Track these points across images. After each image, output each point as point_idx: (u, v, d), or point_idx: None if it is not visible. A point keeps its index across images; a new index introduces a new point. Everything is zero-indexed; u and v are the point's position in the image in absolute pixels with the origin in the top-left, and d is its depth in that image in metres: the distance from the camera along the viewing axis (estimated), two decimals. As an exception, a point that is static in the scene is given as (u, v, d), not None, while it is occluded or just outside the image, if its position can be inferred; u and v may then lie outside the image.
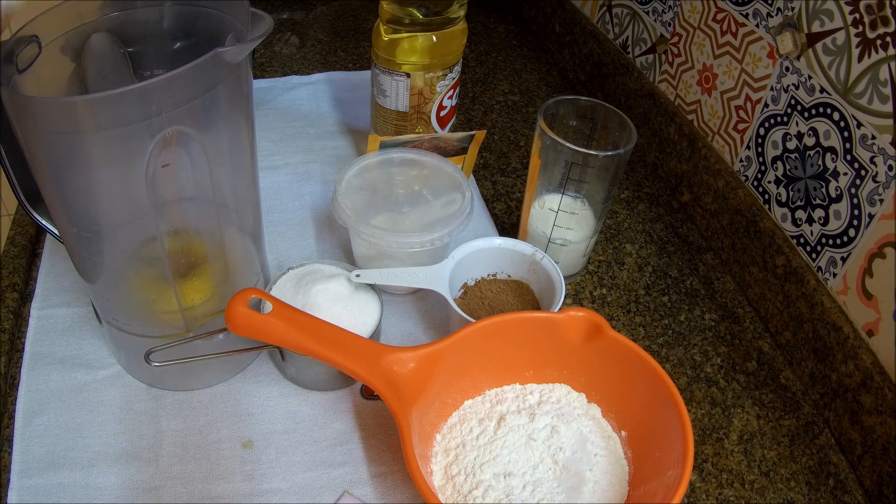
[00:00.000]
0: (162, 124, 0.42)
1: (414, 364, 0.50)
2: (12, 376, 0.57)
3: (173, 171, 0.45)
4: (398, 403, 0.48)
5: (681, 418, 0.47)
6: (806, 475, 0.56)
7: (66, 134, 0.41)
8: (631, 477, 0.50)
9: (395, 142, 0.66)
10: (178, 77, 0.40)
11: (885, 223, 0.55)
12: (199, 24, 0.50)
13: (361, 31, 1.06)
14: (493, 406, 0.53)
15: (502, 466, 0.49)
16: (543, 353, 0.54)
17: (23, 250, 0.66)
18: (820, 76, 0.59)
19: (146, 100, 0.40)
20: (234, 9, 0.48)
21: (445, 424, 0.53)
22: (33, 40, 0.44)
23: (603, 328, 0.52)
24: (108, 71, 0.50)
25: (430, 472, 0.49)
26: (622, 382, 0.52)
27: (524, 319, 0.53)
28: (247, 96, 0.49)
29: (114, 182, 0.46)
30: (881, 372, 0.54)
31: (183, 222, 0.51)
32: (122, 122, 0.41)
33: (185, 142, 0.44)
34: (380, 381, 0.49)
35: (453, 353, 0.51)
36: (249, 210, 0.55)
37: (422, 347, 0.51)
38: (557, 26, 1.03)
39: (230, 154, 0.49)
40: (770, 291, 0.66)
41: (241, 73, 0.46)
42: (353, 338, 0.51)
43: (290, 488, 0.51)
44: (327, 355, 0.49)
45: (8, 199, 1.42)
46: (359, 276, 0.57)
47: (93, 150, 0.43)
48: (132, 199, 0.46)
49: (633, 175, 0.84)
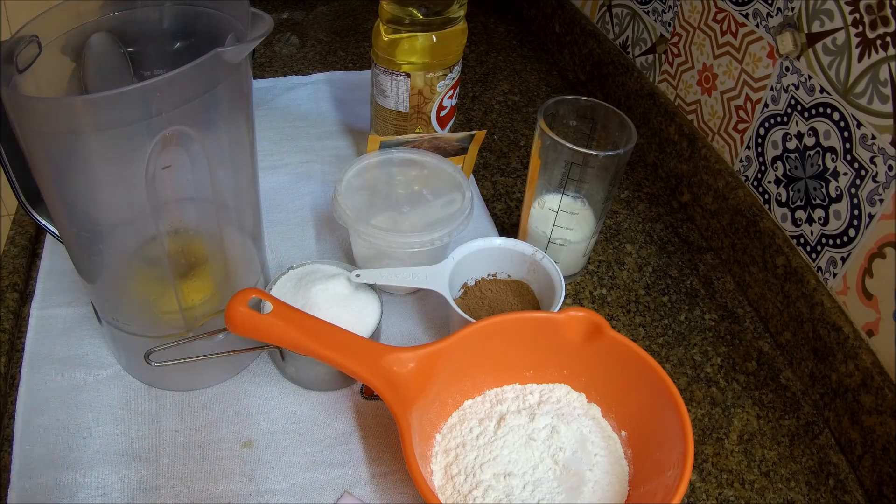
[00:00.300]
0: (162, 124, 0.42)
1: (414, 364, 0.50)
2: (12, 376, 0.57)
3: (173, 171, 0.45)
4: (398, 403, 0.48)
5: (681, 418, 0.47)
6: (806, 475, 0.56)
7: (66, 134, 0.41)
8: (631, 477, 0.50)
9: (395, 142, 0.66)
10: (178, 77, 0.40)
11: (885, 223, 0.55)
12: (199, 24, 0.50)
13: (361, 31, 1.06)
14: (494, 406, 0.53)
15: (502, 466, 0.49)
16: (543, 353, 0.54)
17: (23, 250, 0.66)
18: (820, 76, 0.59)
19: (146, 100, 0.40)
20: (234, 9, 0.48)
21: (445, 424, 0.53)
22: (33, 40, 0.44)
23: (603, 328, 0.52)
24: (108, 71, 0.50)
25: (430, 472, 0.49)
26: (622, 382, 0.52)
27: (524, 319, 0.53)
28: (247, 96, 0.49)
29: (114, 182, 0.46)
30: (881, 372, 0.54)
31: (183, 222, 0.51)
32: (122, 123, 0.41)
33: (185, 142, 0.44)
34: (380, 381, 0.49)
35: (453, 353, 0.51)
36: (249, 210, 0.55)
37: (422, 347, 0.51)
38: (557, 26, 1.03)
39: (230, 154, 0.49)
40: (770, 291, 0.66)
41: (241, 73, 0.46)
42: (354, 338, 0.51)
43: (290, 488, 0.51)
44: (327, 355, 0.49)
45: (8, 199, 1.42)
46: (359, 276, 0.57)
47: (93, 150, 0.43)
48: (132, 199, 0.46)
49: (633, 175, 0.84)
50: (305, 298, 0.56)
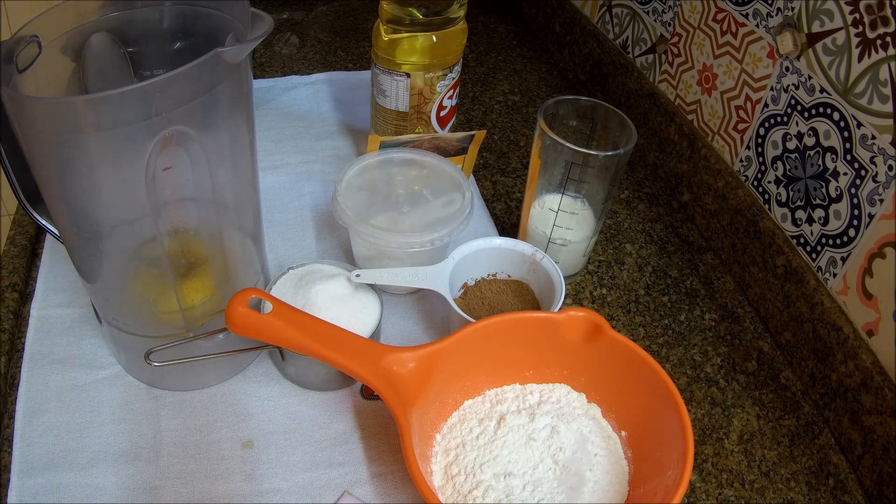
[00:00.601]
0: (162, 124, 0.42)
1: (414, 364, 0.50)
2: (12, 376, 0.57)
3: (173, 171, 0.45)
4: (398, 403, 0.48)
5: (681, 418, 0.47)
6: (806, 475, 0.56)
7: (67, 134, 0.41)
8: (631, 477, 0.50)
9: (395, 142, 0.66)
10: (178, 77, 0.40)
11: (885, 223, 0.55)
12: (199, 24, 0.50)
13: (361, 31, 1.06)
14: (493, 406, 0.53)
15: (502, 466, 0.49)
16: (543, 353, 0.54)
17: (23, 250, 0.66)
18: (820, 76, 0.59)
19: (146, 100, 0.40)
20: (234, 9, 0.48)
21: (445, 424, 0.53)
22: (33, 40, 0.44)
23: (603, 328, 0.52)
24: (108, 71, 0.50)
25: (430, 473, 0.49)
26: (622, 382, 0.52)
27: (524, 319, 0.53)
28: (247, 96, 0.49)
29: (114, 182, 0.46)
30: (881, 372, 0.54)
31: (183, 222, 0.51)
32: (122, 123, 0.41)
33: (185, 142, 0.44)
34: (380, 381, 0.49)
35: (453, 353, 0.51)
36: (249, 210, 0.55)
37: (422, 347, 0.51)
38: (557, 26, 1.03)
39: (230, 154, 0.49)
40: (770, 291, 0.66)
41: (241, 73, 0.46)
42: (354, 338, 0.51)
43: (290, 488, 0.51)
44: (328, 355, 0.49)
45: (8, 199, 1.42)
46: (359, 276, 0.57)
47: (93, 150, 0.43)
48: (132, 199, 0.46)
49: (633, 175, 0.84)
50: (305, 298, 0.56)
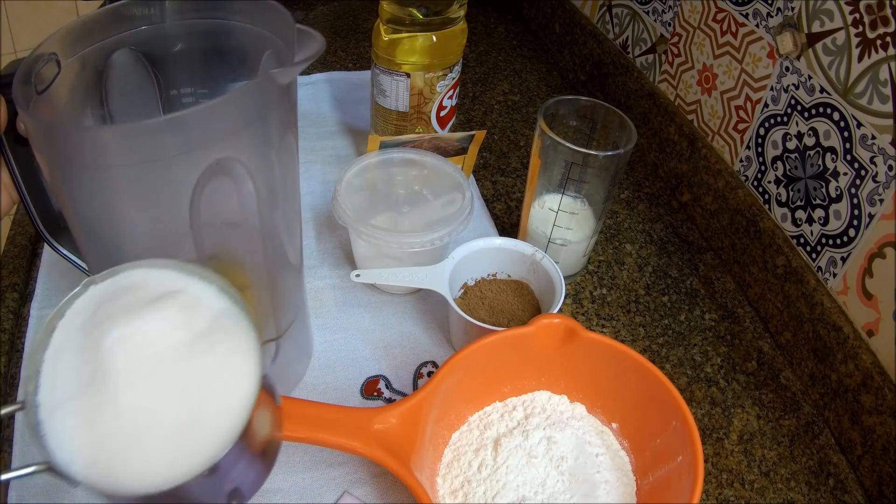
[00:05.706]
0: (206, 154, 0.37)
1: (396, 420, 0.47)
2: (12, 376, 0.57)
3: (217, 197, 0.40)
4: (400, 466, 0.45)
5: (671, 395, 0.47)
6: (806, 475, 0.56)
7: (95, 170, 0.37)
8: (634, 466, 0.50)
9: (395, 142, 0.66)
10: (224, 102, 0.36)
11: (885, 223, 0.55)
12: (233, 41, 0.46)
13: (361, 31, 1.06)
14: (483, 432, 0.51)
15: (514, 493, 0.47)
16: (518, 366, 0.53)
17: (23, 250, 0.66)
18: (820, 76, 0.59)
19: (186, 128, 0.35)
20: (276, 25, 0.43)
21: (441, 465, 0.50)
22: (52, 58, 0.40)
23: (576, 331, 0.51)
24: (132, 90, 0.46)
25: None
26: (602, 377, 0.52)
27: (496, 341, 0.51)
28: (296, 120, 0.45)
29: (149, 217, 0.40)
30: (881, 372, 0.54)
31: (224, 250, 0.45)
32: (158, 156, 0.36)
33: (230, 171, 0.39)
34: (378, 450, 0.45)
35: (435, 398, 0.49)
36: (296, 237, 0.50)
37: (403, 402, 0.47)
38: (557, 26, 1.03)
39: (282, 180, 0.44)
40: (770, 291, 0.66)
41: (290, 95, 0.42)
42: (333, 409, 0.46)
43: (290, 488, 0.51)
44: (312, 438, 0.44)
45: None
46: (359, 276, 0.57)
47: (121, 183, 0.38)
48: (170, 229, 0.41)
49: (633, 175, 0.84)
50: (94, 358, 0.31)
